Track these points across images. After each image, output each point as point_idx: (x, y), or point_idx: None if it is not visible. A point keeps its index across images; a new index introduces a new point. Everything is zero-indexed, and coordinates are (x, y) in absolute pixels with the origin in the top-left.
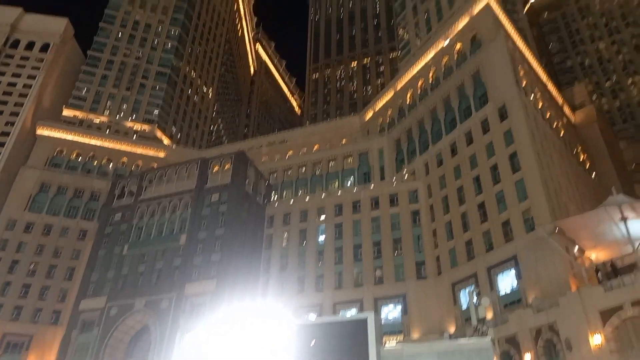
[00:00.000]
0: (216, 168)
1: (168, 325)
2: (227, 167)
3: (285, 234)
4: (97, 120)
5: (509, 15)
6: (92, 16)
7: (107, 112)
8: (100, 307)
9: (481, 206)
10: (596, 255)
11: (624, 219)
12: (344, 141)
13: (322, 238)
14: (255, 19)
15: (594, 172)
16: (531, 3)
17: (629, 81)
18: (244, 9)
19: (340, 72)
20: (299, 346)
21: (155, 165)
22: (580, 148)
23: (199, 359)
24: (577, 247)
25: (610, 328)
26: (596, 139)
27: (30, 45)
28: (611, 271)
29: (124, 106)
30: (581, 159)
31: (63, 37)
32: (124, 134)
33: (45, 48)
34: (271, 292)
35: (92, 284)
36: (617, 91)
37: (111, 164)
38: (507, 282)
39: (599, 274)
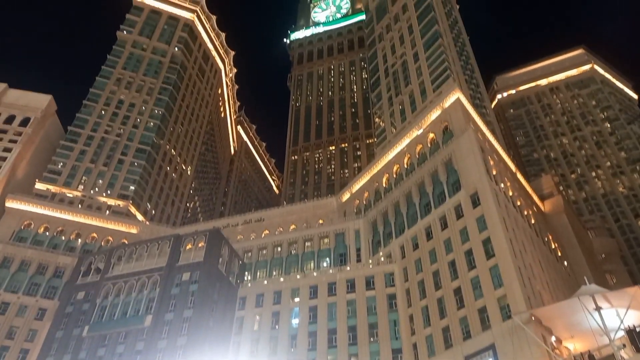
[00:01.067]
0: (189, 246)
1: None
2: (200, 244)
3: (257, 317)
4: (70, 195)
5: (477, 109)
6: (77, 93)
7: (81, 187)
8: None
9: (457, 291)
10: (574, 345)
11: (598, 309)
12: (320, 221)
13: (295, 321)
14: (238, 103)
15: (566, 261)
16: (498, 99)
17: (593, 174)
18: (227, 93)
19: (319, 155)
20: None
21: (126, 241)
22: (550, 237)
23: None
24: (553, 337)
25: None
26: (565, 228)
27: (10, 119)
28: None
29: (100, 181)
30: (552, 247)
31: (45, 113)
32: (97, 209)
33: (25, 122)
34: None
35: None
36: (582, 183)
37: (80, 239)
38: None
39: None
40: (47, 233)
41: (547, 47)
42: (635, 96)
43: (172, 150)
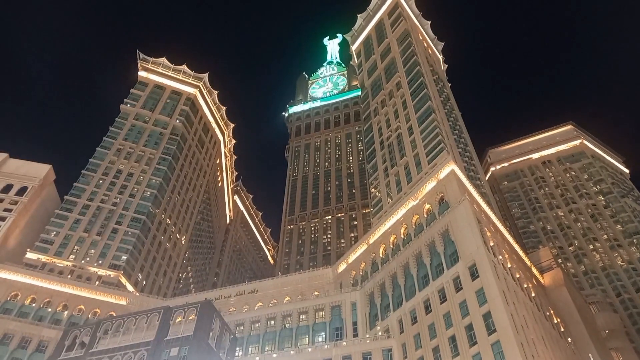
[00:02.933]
0: (179, 318)
1: None
2: (191, 317)
3: None
4: (60, 264)
5: (472, 181)
6: (77, 164)
7: (72, 257)
8: None
9: None
10: None
11: None
12: (316, 293)
13: None
14: (235, 173)
15: (569, 338)
16: (492, 172)
17: (590, 247)
18: (226, 163)
19: (315, 224)
20: None
21: (114, 313)
22: (552, 311)
23: None
24: None
25: None
26: (567, 303)
27: (7, 188)
28: None
29: (92, 251)
30: (555, 322)
31: (43, 182)
32: (86, 280)
33: (22, 191)
34: None
35: None
36: (581, 256)
37: (67, 311)
38: None
39: None
40: (34, 304)
41: (537, 122)
42: (626, 170)
43: (168, 220)
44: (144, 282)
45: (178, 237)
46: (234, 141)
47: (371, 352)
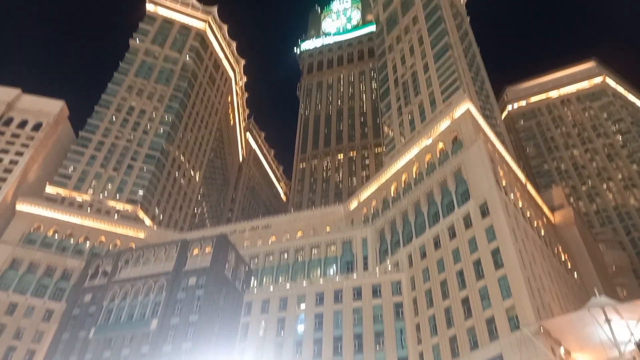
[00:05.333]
0: (196, 251)
1: None
2: (207, 250)
3: (263, 323)
4: (79, 199)
5: (487, 120)
6: (89, 99)
7: (90, 191)
8: None
9: (465, 301)
10: (583, 358)
11: (608, 321)
12: (327, 229)
13: (301, 328)
14: (247, 111)
15: (576, 273)
16: (508, 110)
17: (604, 186)
18: (237, 101)
19: (327, 163)
20: None
21: (133, 245)
22: (560, 248)
23: None
24: (562, 348)
25: None
26: (576, 241)
27: (23, 124)
28: None
29: (109, 186)
30: (562, 259)
31: (57, 118)
32: (106, 213)
33: (37, 127)
34: None
35: None
36: (594, 195)
37: (88, 242)
38: None
39: None
40: (56, 236)
41: (558, 59)
42: None
43: (182, 157)
44: (161, 217)
45: (192, 173)
46: (245, 78)
47: (380, 285)
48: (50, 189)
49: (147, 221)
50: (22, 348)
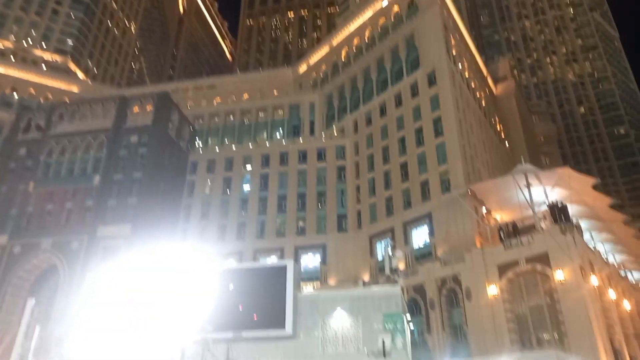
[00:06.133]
0: (136, 108)
1: (78, 266)
2: (148, 108)
3: (209, 182)
4: (0, 45)
5: None
6: None
7: (12, 37)
8: (1, 245)
9: (404, 166)
10: (501, 216)
11: (528, 186)
12: (275, 92)
13: (246, 188)
14: None
15: (507, 143)
16: None
17: (547, 60)
18: None
19: (276, 21)
20: (217, 290)
21: (67, 100)
22: (497, 119)
23: (110, 301)
24: (484, 208)
25: (505, 281)
26: (513, 112)
27: None
28: (512, 231)
29: (33, 32)
30: (497, 129)
31: None
32: (32, 63)
33: None
34: (190, 239)
35: None
36: (536, 69)
37: (16, 94)
38: (420, 237)
39: (501, 233)
40: None
41: None
42: None
43: (113, 3)
44: (95, 70)
45: (127, 24)
46: None
47: (325, 149)
48: None
49: (80, 75)
50: None
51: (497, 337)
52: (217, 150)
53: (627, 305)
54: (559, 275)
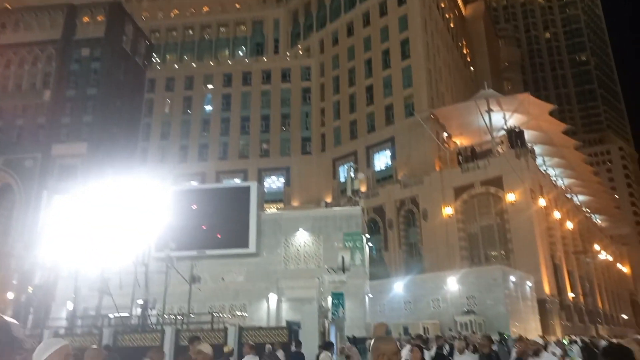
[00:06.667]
0: (86, 19)
1: (34, 185)
2: (99, 18)
3: (168, 101)
4: None
5: None
6: None
7: None
8: None
9: (369, 89)
10: (460, 141)
11: (489, 111)
12: (237, 6)
13: (208, 108)
14: None
15: (472, 67)
16: None
17: None
18: None
19: None
20: (178, 210)
21: (9, 6)
22: (464, 42)
23: (68, 221)
24: (446, 133)
25: (460, 202)
26: (480, 35)
27: None
28: (470, 155)
29: None
30: (464, 52)
31: None
32: None
33: None
34: (151, 159)
35: None
36: None
37: None
38: (382, 160)
39: (460, 157)
40: None
41: None
42: None
43: None
44: None
45: None
46: None
47: (290, 69)
48: None
49: None
50: None
51: (450, 254)
52: (177, 67)
53: (569, 225)
54: (511, 197)
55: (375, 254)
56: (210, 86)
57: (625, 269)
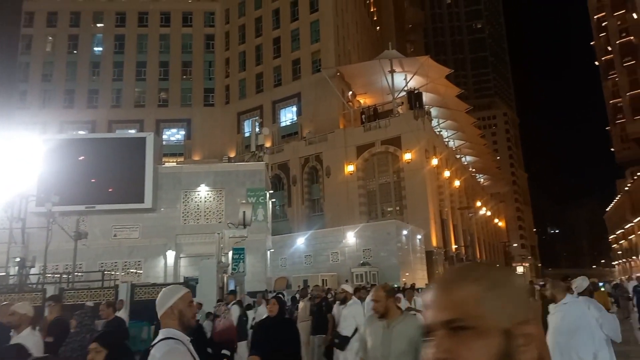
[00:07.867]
0: None
1: None
2: None
3: (50, 38)
4: None
5: None
6: None
7: None
8: None
9: (276, 41)
10: (364, 100)
11: (392, 72)
12: None
13: (98, 49)
14: None
15: (378, 27)
16: None
17: None
18: None
19: None
20: (64, 162)
21: None
22: (372, 1)
23: None
24: (351, 91)
25: (361, 160)
26: None
27: None
28: (373, 115)
29: None
30: (371, 11)
31: None
32: None
33: None
34: (31, 104)
35: None
36: None
37: None
38: (288, 116)
39: (363, 116)
40: None
41: None
42: None
43: None
44: None
45: None
46: None
47: (192, 13)
48: None
49: None
50: None
51: (349, 209)
52: (60, 1)
53: (457, 183)
54: (407, 156)
55: (278, 209)
56: (100, 25)
57: (501, 223)
